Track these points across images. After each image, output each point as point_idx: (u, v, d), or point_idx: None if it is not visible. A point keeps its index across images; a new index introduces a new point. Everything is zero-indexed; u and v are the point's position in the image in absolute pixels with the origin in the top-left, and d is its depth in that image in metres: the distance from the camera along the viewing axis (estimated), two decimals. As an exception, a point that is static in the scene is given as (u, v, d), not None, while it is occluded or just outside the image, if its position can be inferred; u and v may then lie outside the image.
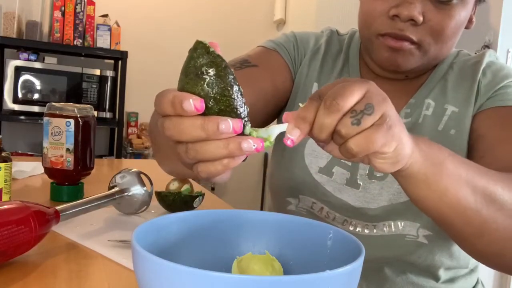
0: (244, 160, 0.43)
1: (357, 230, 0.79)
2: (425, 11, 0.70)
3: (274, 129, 0.44)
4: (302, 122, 0.43)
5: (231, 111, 0.40)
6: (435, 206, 0.55)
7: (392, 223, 0.77)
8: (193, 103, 0.38)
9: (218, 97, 0.39)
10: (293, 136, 0.43)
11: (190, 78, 0.40)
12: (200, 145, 0.40)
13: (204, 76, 0.39)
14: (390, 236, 0.77)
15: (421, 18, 0.70)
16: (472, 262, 0.85)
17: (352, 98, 0.43)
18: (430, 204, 0.55)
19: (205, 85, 0.39)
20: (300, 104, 0.45)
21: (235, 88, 0.40)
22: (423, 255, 0.77)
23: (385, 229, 0.77)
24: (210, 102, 0.39)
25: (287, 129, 0.44)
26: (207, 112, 0.39)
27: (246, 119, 0.41)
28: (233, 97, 0.40)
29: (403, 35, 0.71)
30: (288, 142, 0.43)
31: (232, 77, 0.40)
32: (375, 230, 0.78)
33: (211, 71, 0.39)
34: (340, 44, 0.89)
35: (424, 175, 0.52)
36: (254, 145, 0.40)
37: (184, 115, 0.39)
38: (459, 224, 0.57)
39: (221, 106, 0.40)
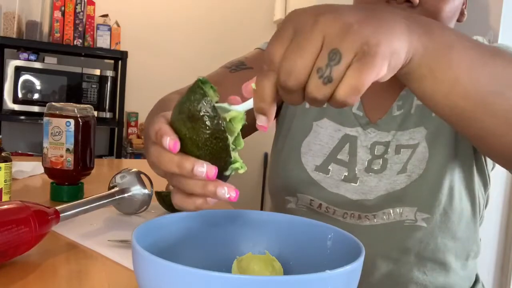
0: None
1: (357, 222, 0.79)
2: None
3: (245, 106, 0.44)
4: (264, 105, 0.41)
5: (210, 159, 0.41)
6: (446, 100, 0.48)
7: (391, 210, 0.78)
8: (168, 143, 0.40)
9: (200, 144, 0.41)
10: (263, 123, 0.42)
11: (181, 117, 0.41)
12: (184, 179, 0.42)
13: (193, 122, 0.40)
14: (390, 223, 0.78)
15: (417, 0, 0.71)
16: (474, 238, 0.84)
17: (308, 59, 0.37)
18: (440, 99, 0.48)
19: (192, 129, 0.41)
20: (253, 85, 0.42)
21: (221, 140, 0.41)
22: (425, 239, 0.77)
23: (384, 217, 0.78)
24: (192, 146, 0.41)
25: (256, 119, 0.42)
26: (187, 152, 0.41)
27: (228, 165, 0.43)
28: (215, 148, 0.41)
29: None
30: (262, 129, 0.43)
31: (222, 129, 0.40)
32: (375, 220, 0.78)
33: (202, 120, 0.40)
34: None
35: (428, 67, 0.46)
36: (227, 194, 0.41)
37: (163, 148, 0.41)
38: (481, 116, 0.49)
39: (201, 152, 0.41)
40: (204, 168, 0.40)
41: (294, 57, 0.38)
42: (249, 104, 0.43)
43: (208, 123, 0.40)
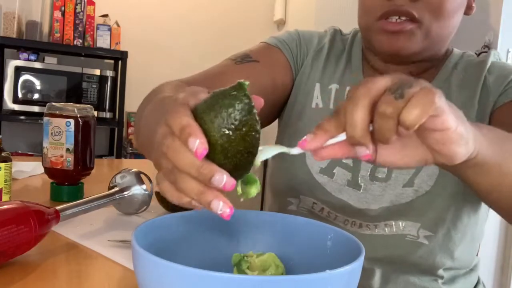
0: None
1: (358, 230, 0.79)
2: None
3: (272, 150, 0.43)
4: (317, 129, 0.42)
5: (232, 169, 0.39)
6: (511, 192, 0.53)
7: (393, 223, 0.77)
8: (196, 148, 0.37)
9: (230, 155, 0.38)
10: (307, 137, 0.42)
11: (218, 122, 0.38)
12: (185, 178, 0.39)
13: (232, 131, 0.38)
14: (391, 236, 0.77)
15: None
16: (474, 262, 0.85)
17: (379, 83, 0.40)
18: (506, 192, 0.53)
19: (227, 138, 0.38)
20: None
21: (251, 155, 0.39)
22: (424, 255, 0.77)
23: (386, 229, 0.77)
24: (220, 153, 0.38)
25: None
26: (211, 157, 0.38)
27: (242, 179, 0.41)
28: (242, 161, 0.39)
29: (402, 9, 0.71)
30: (303, 144, 0.42)
31: (258, 145, 0.39)
32: (376, 230, 0.78)
33: (244, 133, 0.38)
34: (343, 44, 0.88)
35: (495, 160, 0.50)
36: (221, 210, 0.38)
37: (185, 145, 0.38)
38: None
39: (226, 161, 0.38)
40: (224, 179, 0.37)
41: (363, 82, 0.41)
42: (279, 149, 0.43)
43: (248, 138, 0.38)
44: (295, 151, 0.43)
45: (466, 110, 0.76)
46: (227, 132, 0.37)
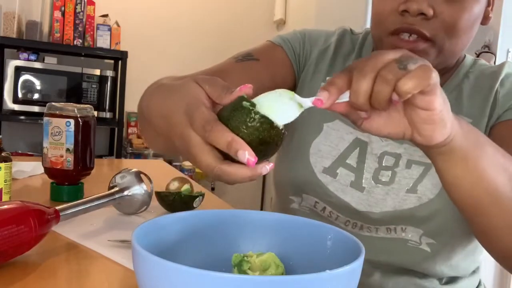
0: None
1: (358, 231, 0.79)
2: (435, 5, 0.68)
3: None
4: (331, 86, 0.46)
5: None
6: (471, 189, 0.54)
7: (395, 228, 0.76)
8: (247, 159, 0.42)
9: (269, 154, 0.47)
10: (321, 96, 0.46)
11: (252, 144, 0.44)
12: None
13: (265, 145, 0.45)
14: (392, 239, 0.77)
15: (431, 11, 0.68)
16: (472, 267, 0.85)
17: (387, 56, 0.44)
18: (466, 187, 0.55)
19: (264, 150, 0.45)
20: (328, 78, 0.47)
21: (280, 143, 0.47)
22: (424, 263, 0.76)
23: (387, 232, 0.77)
24: (263, 157, 0.46)
25: (318, 91, 0.47)
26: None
27: None
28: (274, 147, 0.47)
29: (414, 28, 0.69)
30: (318, 103, 0.46)
31: (282, 135, 0.46)
32: (377, 232, 0.77)
33: (274, 142, 0.46)
34: (353, 43, 0.87)
35: (464, 153, 0.52)
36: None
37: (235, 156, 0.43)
38: (493, 213, 0.56)
39: (269, 157, 0.47)
40: (269, 166, 0.46)
41: (375, 55, 0.46)
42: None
43: (278, 142, 0.46)
44: (308, 104, 0.47)
45: (476, 118, 0.76)
46: (261, 147, 0.45)
